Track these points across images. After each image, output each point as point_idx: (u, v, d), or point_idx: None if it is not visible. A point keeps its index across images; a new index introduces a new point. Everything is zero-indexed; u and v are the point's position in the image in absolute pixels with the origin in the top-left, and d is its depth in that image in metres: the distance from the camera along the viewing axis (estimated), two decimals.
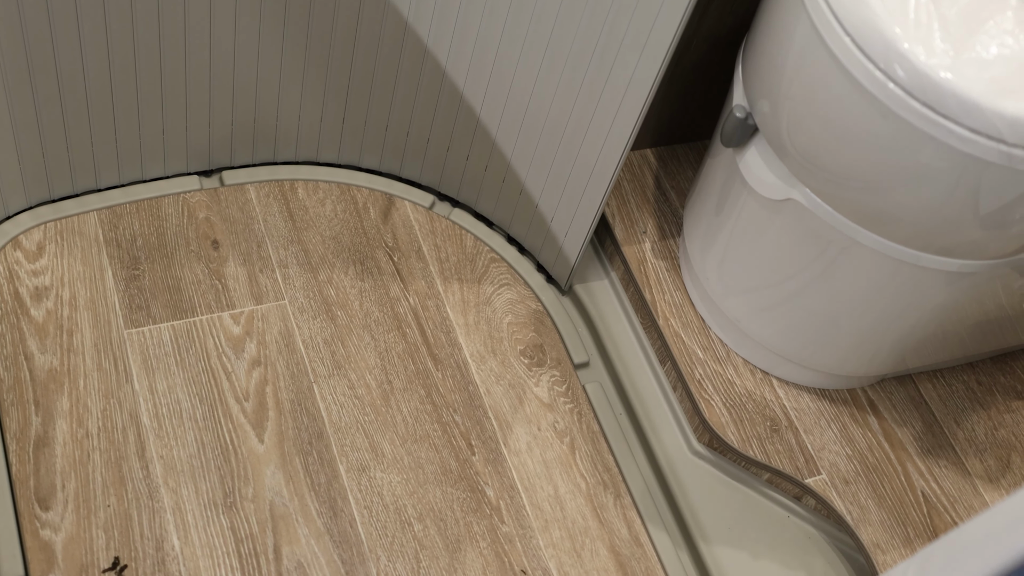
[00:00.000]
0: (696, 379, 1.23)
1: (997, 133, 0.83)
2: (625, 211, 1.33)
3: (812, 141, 0.98)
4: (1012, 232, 0.98)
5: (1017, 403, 1.30)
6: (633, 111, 1.11)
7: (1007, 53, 0.83)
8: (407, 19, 1.17)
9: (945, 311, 1.12)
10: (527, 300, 1.29)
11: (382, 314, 1.24)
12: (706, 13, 1.22)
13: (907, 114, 0.86)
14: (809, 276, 1.11)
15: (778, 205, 1.06)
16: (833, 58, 0.88)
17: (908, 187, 0.94)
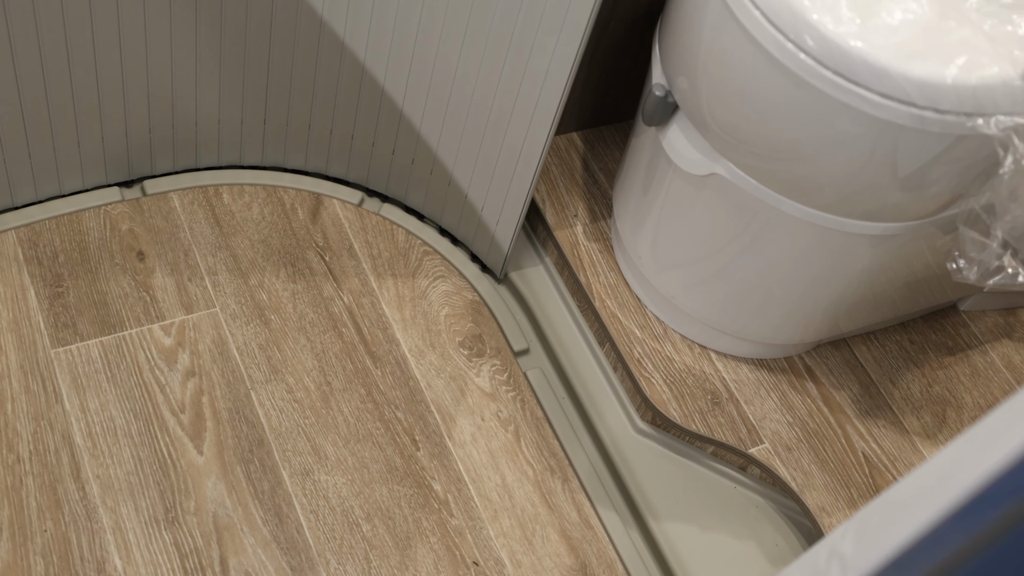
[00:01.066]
0: (635, 358, 1.23)
1: (907, 97, 0.84)
2: (555, 196, 1.33)
3: (731, 115, 0.99)
4: (931, 192, 1.00)
5: (949, 359, 1.32)
6: (554, 95, 1.10)
7: (911, 18, 0.84)
8: (322, 15, 1.16)
9: (874, 273, 1.14)
10: (463, 291, 1.29)
11: (317, 315, 1.23)
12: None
13: (820, 83, 0.86)
14: (738, 248, 1.12)
15: (703, 180, 1.07)
16: (745, 32, 0.89)
17: (827, 155, 0.95)
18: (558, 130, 1.36)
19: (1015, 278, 1.00)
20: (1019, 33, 0.85)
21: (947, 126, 0.87)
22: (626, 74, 1.33)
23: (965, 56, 0.84)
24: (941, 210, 1.04)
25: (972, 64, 0.84)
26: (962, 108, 0.85)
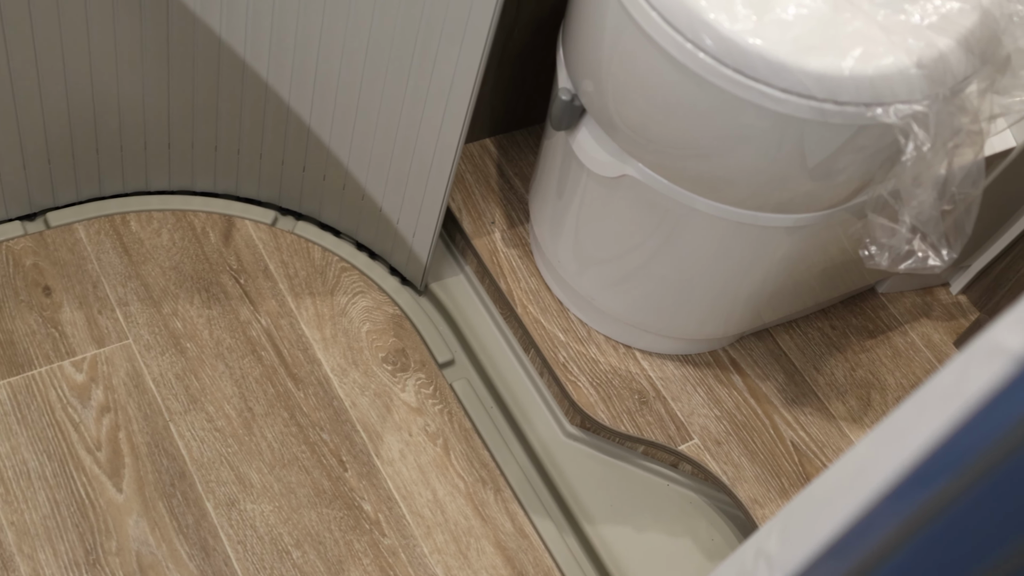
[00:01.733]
0: (561, 362, 1.22)
1: (806, 90, 0.84)
2: (471, 203, 1.32)
3: (637, 115, 0.98)
4: (840, 181, 1.00)
5: (870, 342, 1.33)
6: (462, 104, 1.09)
7: (805, 12, 0.84)
8: (220, 35, 1.13)
9: (791, 263, 1.14)
10: (384, 305, 1.27)
11: (234, 340, 1.20)
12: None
13: (720, 81, 0.86)
14: (654, 247, 1.11)
15: (615, 182, 1.07)
16: (644, 34, 0.88)
17: (734, 151, 0.95)
18: (470, 137, 1.35)
19: (925, 261, 1.01)
20: (912, 21, 0.86)
21: (848, 117, 0.87)
22: (535, 77, 1.32)
23: (861, 47, 0.84)
24: (851, 198, 1.05)
25: (868, 55, 0.85)
26: (861, 99, 0.86)
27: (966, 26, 0.88)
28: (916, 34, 0.86)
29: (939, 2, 0.87)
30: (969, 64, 0.89)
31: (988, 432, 0.48)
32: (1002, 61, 0.94)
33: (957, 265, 1.38)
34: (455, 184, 1.32)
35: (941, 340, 1.35)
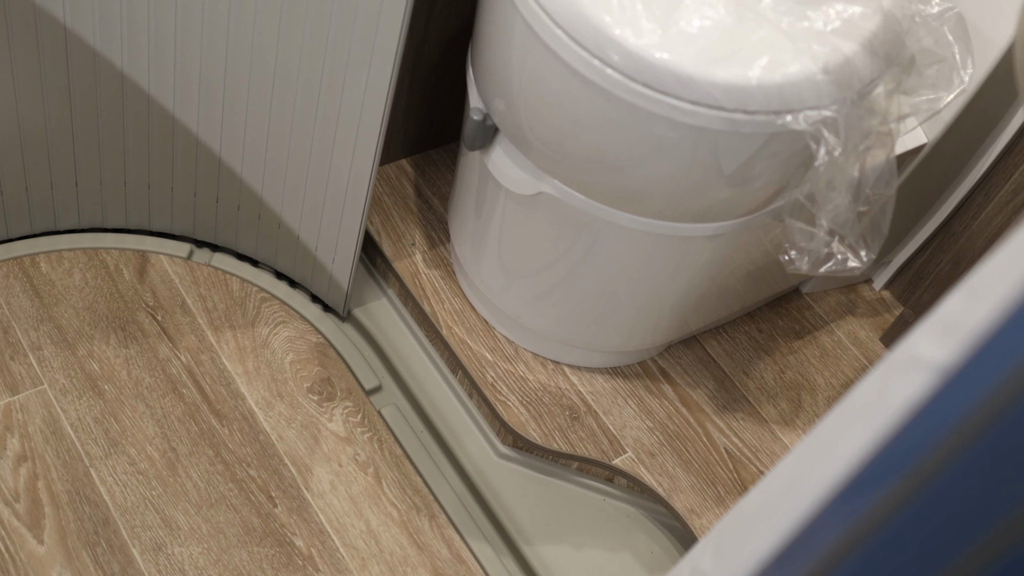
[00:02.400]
0: (489, 383, 1.21)
1: (715, 101, 0.84)
2: (390, 226, 1.30)
3: (550, 133, 0.97)
4: (757, 188, 1.00)
5: (798, 343, 1.34)
6: (373, 127, 1.08)
7: (709, 24, 0.84)
8: (122, 69, 1.10)
9: (715, 270, 1.14)
10: (306, 334, 1.25)
11: (154, 379, 1.17)
12: (432, 17, 1.20)
13: (629, 96, 0.86)
14: (576, 262, 1.11)
15: (532, 199, 1.06)
16: (551, 53, 0.88)
17: (649, 164, 0.94)
18: (386, 159, 1.33)
19: (845, 263, 1.01)
20: (816, 28, 0.86)
21: (758, 126, 0.87)
22: (448, 96, 1.31)
23: (767, 56, 0.84)
24: (769, 203, 1.05)
25: (774, 63, 0.84)
26: (770, 107, 0.85)
27: (869, 29, 0.88)
28: (821, 40, 0.86)
29: (841, 7, 0.87)
30: (875, 67, 0.89)
31: (914, 445, 0.47)
32: (907, 62, 0.94)
33: (878, 261, 1.39)
34: (373, 207, 1.30)
35: (867, 337, 1.36)
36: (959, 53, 0.97)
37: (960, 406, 0.45)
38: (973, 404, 0.44)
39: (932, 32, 0.97)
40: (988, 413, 0.43)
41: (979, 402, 0.44)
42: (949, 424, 0.46)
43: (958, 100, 1.13)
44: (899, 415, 0.48)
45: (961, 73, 0.98)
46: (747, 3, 0.86)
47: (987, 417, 0.44)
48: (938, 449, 0.45)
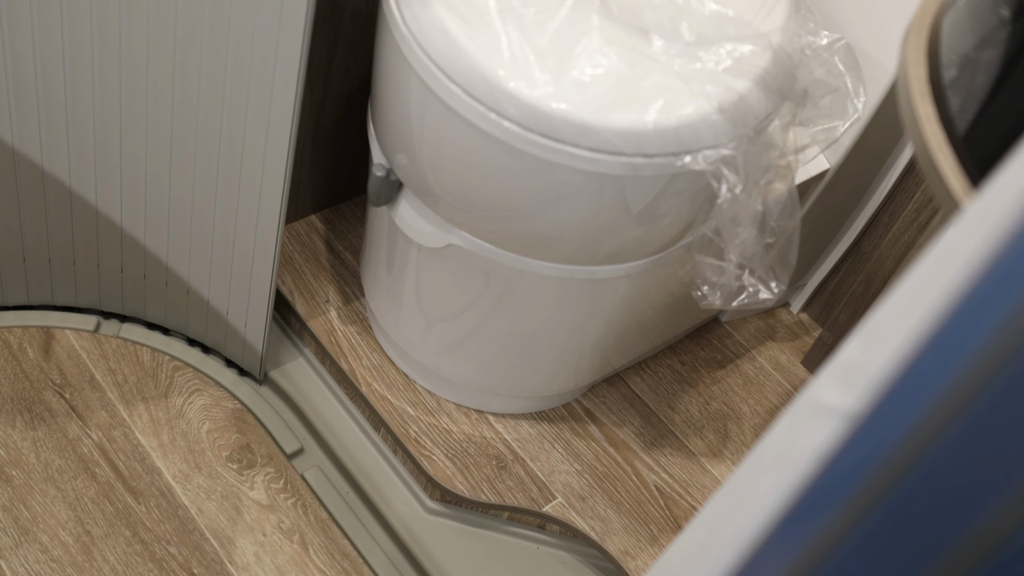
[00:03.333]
0: (413, 438, 1.19)
1: (614, 147, 0.84)
2: (303, 284, 1.28)
3: (455, 185, 0.96)
4: (665, 226, 1.00)
5: (720, 372, 1.34)
6: (276, 187, 1.06)
7: (602, 72, 0.84)
8: (12, 143, 1.07)
9: (632, 307, 1.14)
10: (223, 401, 1.22)
11: (64, 460, 1.13)
12: (331, 73, 1.18)
13: (529, 147, 0.85)
14: (491, 311, 1.10)
15: (442, 252, 1.04)
16: (448, 108, 0.87)
17: (555, 211, 0.94)
18: (294, 216, 1.31)
19: (756, 295, 1.02)
20: (708, 68, 0.86)
21: (659, 168, 0.87)
22: (353, 149, 1.30)
23: (662, 99, 0.85)
24: (679, 239, 1.05)
25: (669, 106, 0.85)
26: (669, 149, 0.86)
27: (761, 66, 0.89)
28: (714, 80, 0.86)
29: (731, 47, 0.87)
30: (769, 102, 0.90)
31: (829, 497, 0.47)
32: (800, 94, 0.95)
33: (794, 285, 1.41)
34: (284, 266, 1.28)
35: (788, 361, 1.37)
36: (851, 82, 0.98)
37: (869, 454, 0.45)
38: (882, 451, 0.44)
39: (823, 63, 0.98)
40: (899, 460, 0.43)
41: (888, 449, 0.43)
42: (861, 472, 0.45)
43: (856, 126, 1.14)
44: (809, 464, 0.48)
45: (855, 101, 0.99)
46: (638, 48, 0.86)
47: (898, 464, 0.43)
48: (852, 497, 0.45)
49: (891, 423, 0.44)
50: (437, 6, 0.86)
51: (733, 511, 0.53)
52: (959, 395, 0.41)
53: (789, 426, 0.51)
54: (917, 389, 0.44)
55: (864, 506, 0.44)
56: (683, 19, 0.88)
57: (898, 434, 0.44)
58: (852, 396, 0.47)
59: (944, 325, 0.43)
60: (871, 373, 0.47)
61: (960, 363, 0.42)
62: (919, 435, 0.42)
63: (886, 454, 0.44)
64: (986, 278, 0.42)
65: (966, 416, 0.41)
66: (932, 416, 0.42)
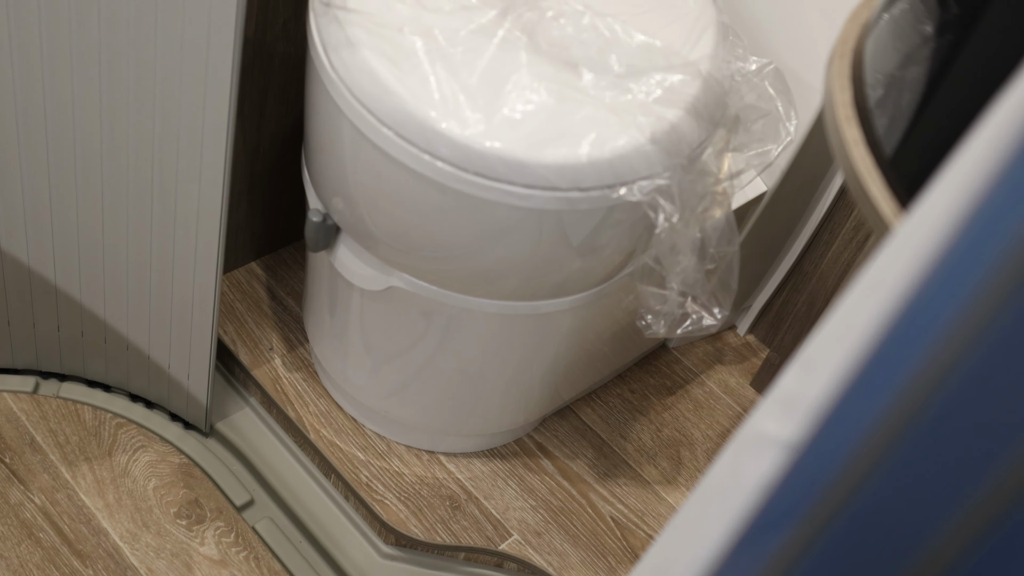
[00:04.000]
0: (364, 483, 1.18)
1: (549, 183, 0.84)
2: (245, 333, 1.27)
3: (393, 227, 0.96)
4: (605, 256, 1.00)
5: (671, 399, 1.34)
6: (212, 237, 1.04)
7: (532, 108, 0.84)
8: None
9: (578, 338, 1.14)
10: (168, 456, 1.19)
11: (7, 527, 1.10)
12: (264, 119, 1.17)
13: (464, 186, 0.85)
14: (436, 350, 1.09)
15: (383, 294, 1.04)
16: (381, 152, 0.86)
17: (495, 248, 0.93)
18: (234, 264, 1.30)
19: (700, 322, 1.02)
20: (639, 100, 0.87)
21: (595, 202, 0.87)
22: (291, 194, 1.28)
23: (594, 132, 0.85)
24: (621, 268, 1.05)
25: (602, 139, 0.85)
26: (604, 182, 0.86)
27: (691, 95, 0.89)
28: (645, 111, 0.86)
29: (661, 77, 0.88)
30: (701, 130, 0.91)
31: (775, 525, 0.46)
32: (732, 121, 0.96)
33: (738, 307, 1.41)
34: (225, 315, 1.26)
35: (738, 383, 1.38)
36: (782, 105, 0.99)
37: (811, 482, 0.45)
38: (824, 479, 0.44)
39: (754, 88, 0.98)
40: (841, 487, 0.43)
41: (830, 476, 0.43)
42: (805, 500, 0.45)
43: (790, 148, 1.15)
44: (753, 494, 0.48)
45: (787, 124, 1.00)
46: (568, 83, 0.86)
47: (841, 491, 0.43)
48: (797, 525, 0.44)
49: (830, 451, 0.44)
50: (364, 49, 0.86)
51: (684, 543, 0.53)
52: (896, 420, 0.41)
53: (733, 457, 0.51)
54: (854, 416, 0.44)
55: (810, 534, 0.44)
56: (611, 51, 0.88)
57: (838, 462, 0.43)
58: (791, 426, 0.47)
59: (876, 351, 0.43)
60: (808, 402, 0.47)
61: (894, 388, 0.42)
62: (859, 462, 0.42)
63: (828, 482, 0.43)
64: (914, 302, 0.42)
65: (904, 440, 0.41)
66: (871, 442, 0.42)
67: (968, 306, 0.38)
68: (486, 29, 0.87)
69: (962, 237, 0.39)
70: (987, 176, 0.37)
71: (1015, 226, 0.36)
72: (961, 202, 0.39)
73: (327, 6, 0.88)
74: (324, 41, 0.89)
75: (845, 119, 0.68)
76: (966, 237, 0.39)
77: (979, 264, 0.38)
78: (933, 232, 0.42)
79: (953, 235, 0.39)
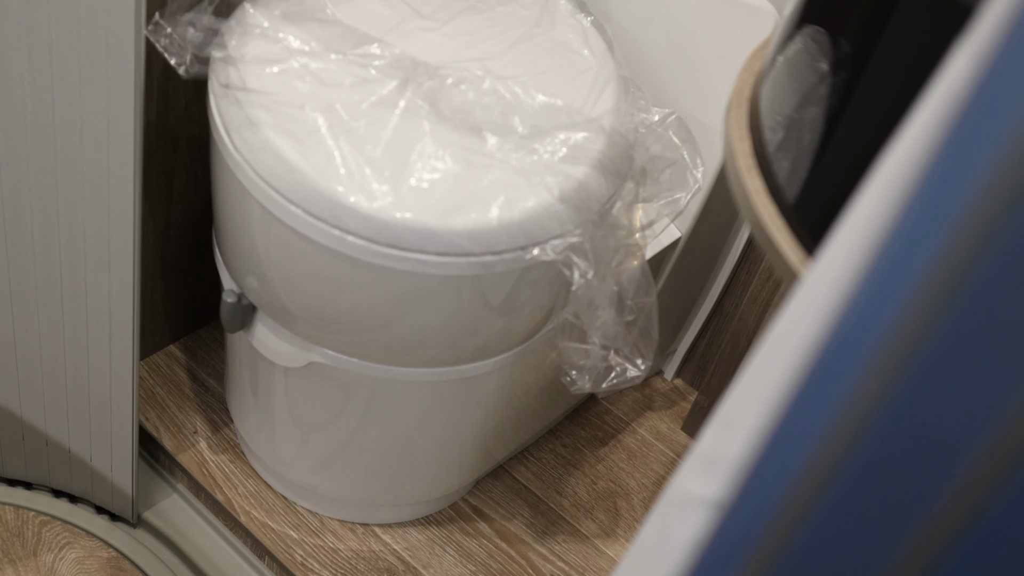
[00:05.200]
0: (299, 562, 1.15)
1: (461, 249, 0.84)
2: (168, 418, 1.24)
3: (309, 302, 0.95)
4: (526, 315, 1.00)
5: (604, 450, 1.34)
6: (126, 326, 1.03)
7: (439, 176, 0.84)
8: None
9: (506, 397, 1.13)
10: (96, 551, 1.16)
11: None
12: (172, 201, 1.16)
13: (377, 259, 0.84)
14: (362, 423, 1.08)
15: (304, 370, 1.02)
16: (292, 230, 0.86)
17: (415, 318, 0.93)
18: (151, 349, 1.27)
19: (625, 375, 1.02)
20: (545, 160, 0.87)
21: (510, 264, 0.87)
22: (205, 273, 1.26)
23: (503, 195, 0.85)
24: (543, 325, 1.05)
25: (511, 201, 0.85)
26: (516, 244, 0.86)
27: (597, 151, 0.90)
28: (552, 170, 0.87)
29: (565, 135, 0.89)
30: (609, 184, 0.91)
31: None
32: (640, 173, 0.97)
33: (663, 351, 1.42)
34: (146, 402, 1.24)
35: (669, 429, 1.38)
36: (688, 153, 1.01)
37: (739, 540, 0.45)
38: (752, 536, 0.43)
39: (658, 139, 1.00)
40: (770, 542, 0.43)
41: (757, 533, 0.43)
42: (734, 559, 0.45)
43: (700, 193, 1.17)
44: (682, 556, 0.48)
45: (694, 172, 1.01)
46: (473, 147, 0.86)
47: (771, 546, 0.43)
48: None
49: (755, 509, 0.44)
50: (267, 129, 0.85)
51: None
52: (817, 473, 0.41)
53: (660, 518, 0.51)
54: (774, 473, 0.44)
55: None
56: (514, 113, 0.89)
57: (764, 518, 0.43)
58: (714, 485, 0.47)
59: (790, 405, 0.44)
60: (729, 460, 0.47)
61: (812, 442, 0.42)
62: (785, 517, 0.42)
63: (756, 539, 0.43)
64: (823, 355, 0.42)
65: (829, 492, 0.41)
66: (794, 497, 0.42)
67: (877, 355, 0.39)
68: (388, 100, 0.87)
69: (865, 284, 0.40)
70: (887, 218, 0.38)
71: (917, 268, 0.36)
72: (863, 246, 0.40)
73: (226, 88, 0.88)
74: (226, 123, 0.88)
75: (746, 169, 0.69)
76: (869, 283, 0.39)
77: (884, 311, 0.38)
78: (837, 280, 0.42)
79: (857, 282, 0.40)
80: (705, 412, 1.36)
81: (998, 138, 0.32)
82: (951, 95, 0.38)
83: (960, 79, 0.37)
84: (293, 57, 0.88)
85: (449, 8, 0.99)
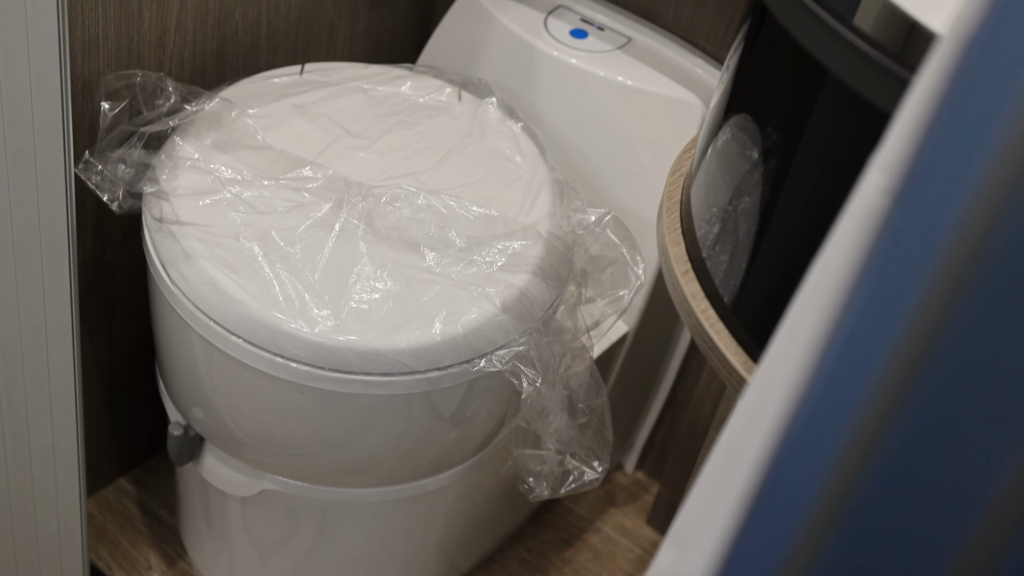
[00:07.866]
0: None
1: (407, 368, 0.83)
2: (120, 555, 1.21)
3: (257, 431, 0.93)
4: (478, 424, 0.99)
5: (569, 552, 1.32)
6: (71, 467, 1.00)
7: (379, 296, 0.84)
8: None
9: (466, 508, 1.12)
10: None
11: None
12: (113, 333, 1.15)
13: (322, 384, 0.84)
14: (318, 547, 1.05)
15: (257, 498, 1.00)
16: (235, 360, 0.85)
17: (365, 438, 0.92)
18: (99, 484, 1.24)
19: (582, 478, 1.01)
20: (484, 271, 0.87)
21: (456, 378, 0.86)
22: (151, 402, 1.24)
23: (445, 310, 0.85)
24: (497, 433, 1.04)
25: (453, 315, 0.85)
26: (462, 358, 0.85)
27: (536, 257, 0.90)
28: (492, 281, 0.87)
29: (502, 245, 0.89)
30: (551, 290, 0.91)
31: None
32: (580, 275, 0.97)
33: (621, 445, 1.41)
34: (97, 540, 1.21)
35: (633, 524, 1.36)
36: (627, 251, 1.01)
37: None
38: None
39: (597, 239, 1.00)
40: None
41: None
42: None
43: (643, 289, 1.17)
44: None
45: (635, 269, 1.02)
46: (412, 264, 0.86)
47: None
48: None
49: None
50: (203, 260, 0.85)
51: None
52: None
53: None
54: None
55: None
56: (450, 226, 0.89)
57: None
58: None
59: (744, 523, 0.43)
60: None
61: (767, 560, 0.41)
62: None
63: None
64: (770, 474, 0.42)
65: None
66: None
67: (827, 470, 0.38)
68: (323, 223, 0.87)
69: (809, 392, 0.39)
70: (828, 320, 0.38)
71: (861, 375, 0.36)
72: (804, 349, 0.39)
73: (160, 222, 0.87)
74: (162, 257, 0.87)
75: (681, 274, 0.70)
76: (813, 391, 0.39)
77: (833, 420, 0.38)
78: (780, 391, 0.42)
79: (800, 392, 0.39)
80: (669, 504, 1.35)
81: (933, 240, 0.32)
82: (869, 207, 0.38)
83: (875, 192, 0.38)
84: (225, 187, 0.87)
85: (379, 125, 1.00)
